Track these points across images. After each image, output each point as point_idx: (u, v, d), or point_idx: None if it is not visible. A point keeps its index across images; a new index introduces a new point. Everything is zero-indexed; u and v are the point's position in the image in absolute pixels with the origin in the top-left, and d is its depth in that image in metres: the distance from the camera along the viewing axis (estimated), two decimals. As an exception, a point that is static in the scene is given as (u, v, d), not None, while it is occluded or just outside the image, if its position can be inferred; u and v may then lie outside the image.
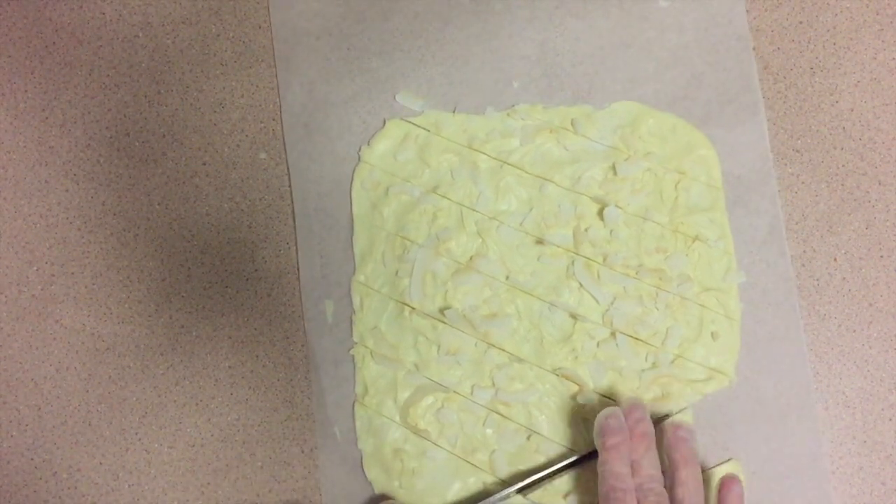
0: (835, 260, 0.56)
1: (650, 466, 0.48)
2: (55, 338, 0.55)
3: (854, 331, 0.55)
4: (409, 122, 0.57)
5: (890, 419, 0.55)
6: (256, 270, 0.56)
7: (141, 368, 0.55)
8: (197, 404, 0.55)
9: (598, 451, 0.49)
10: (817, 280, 0.56)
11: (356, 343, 0.55)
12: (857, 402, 0.55)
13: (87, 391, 0.55)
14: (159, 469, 0.54)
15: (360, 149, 0.57)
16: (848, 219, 0.56)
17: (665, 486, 0.48)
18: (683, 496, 0.48)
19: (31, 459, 0.55)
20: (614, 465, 0.48)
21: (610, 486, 0.47)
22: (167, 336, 0.56)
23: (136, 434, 0.55)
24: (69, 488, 0.54)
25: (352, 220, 0.56)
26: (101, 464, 0.55)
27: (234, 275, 0.56)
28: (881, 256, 0.56)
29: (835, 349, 0.55)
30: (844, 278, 0.56)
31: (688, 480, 0.48)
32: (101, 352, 0.55)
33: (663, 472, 0.49)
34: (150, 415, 0.55)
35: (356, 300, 0.55)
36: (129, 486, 0.54)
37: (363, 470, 0.54)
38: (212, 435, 0.55)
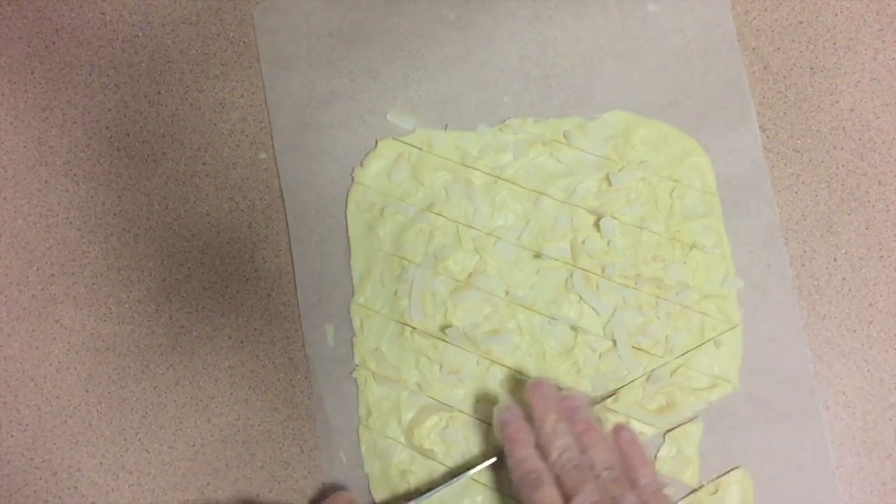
0: (835, 260, 0.56)
1: (559, 441, 0.47)
2: (55, 338, 0.55)
3: (854, 331, 0.55)
4: (402, 141, 0.56)
5: (890, 419, 0.55)
6: (256, 270, 0.56)
7: (141, 368, 0.55)
8: (197, 404, 0.55)
9: (504, 447, 0.49)
10: (817, 280, 0.56)
11: (358, 366, 0.55)
12: (857, 402, 0.55)
13: (87, 391, 0.55)
14: (159, 469, 0.54)
15: (353, 170, 0.56)
16: (848, 219, 0.56)
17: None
18: (646, 499, 0.46)
19: (31, 459, 0.55)
20: (518, 452, 0.48)
21: (519, 474, 0.47)
22: (167, 336, 0.56)
23: (136, 434, 0.55)
24: (69, 488, 0.54)
25: (348, 242, 0.56)
26: (101, 464, 0.55)
27: (234, 275, 0.56)
28: (881, 256, 0.56)
29: (835, 349, 0.55)
30: (844, 278, 0.56)
31: (647, 483, 0.47)
32: (101, 352, 0.55)
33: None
34: (150, 415, 0.55)
35: (356, 322, 0.55)
36: (129, 486, 0.54)
37: (370, 494, 0.53)
38: (212, 435, 0.55)
